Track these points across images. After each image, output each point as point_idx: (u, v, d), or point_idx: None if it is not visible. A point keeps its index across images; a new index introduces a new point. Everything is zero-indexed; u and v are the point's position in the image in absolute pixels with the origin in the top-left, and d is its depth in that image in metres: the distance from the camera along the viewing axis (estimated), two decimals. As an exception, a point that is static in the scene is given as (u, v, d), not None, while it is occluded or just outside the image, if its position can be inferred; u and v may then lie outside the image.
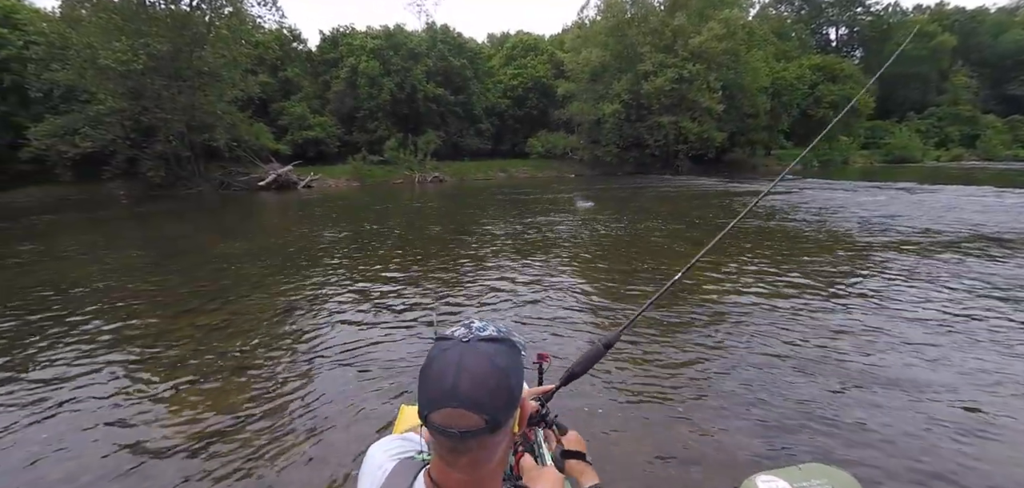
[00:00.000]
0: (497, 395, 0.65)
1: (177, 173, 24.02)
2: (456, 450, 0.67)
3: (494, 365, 0.66)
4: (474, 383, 0.64)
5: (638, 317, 1.42)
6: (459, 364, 0.66)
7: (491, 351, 0.68)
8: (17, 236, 11.07)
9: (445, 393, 0.65)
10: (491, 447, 0.69)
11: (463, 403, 0.63)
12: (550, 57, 37.26)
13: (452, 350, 0.68)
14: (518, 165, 33.36)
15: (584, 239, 8.93)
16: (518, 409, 0.72)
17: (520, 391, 0.71)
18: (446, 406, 0.64)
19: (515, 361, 0.71)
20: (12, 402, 3.26)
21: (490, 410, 0.64)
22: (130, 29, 21.23)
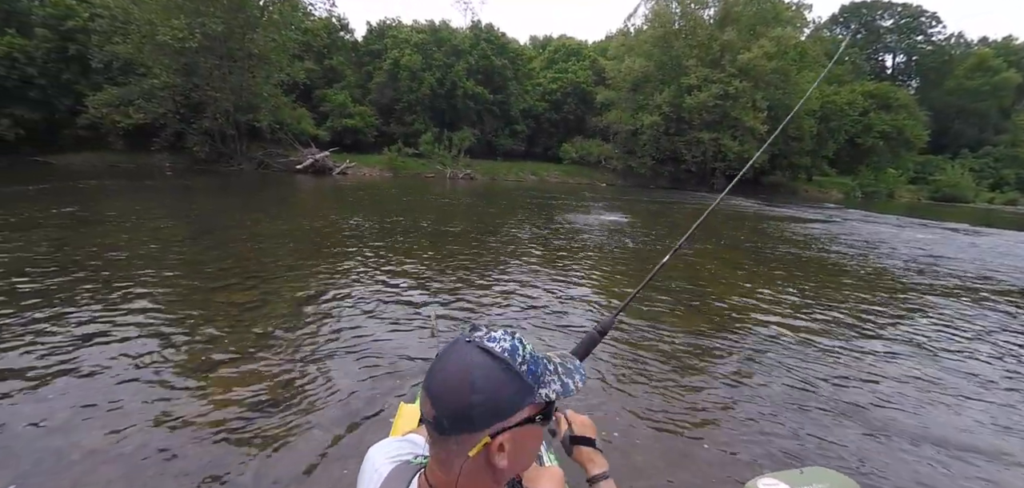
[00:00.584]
0: (447, 401, 0.65)
1: (220, 150, 24.93)
2: (427, 434, 0.71)
3: (468, 375, 0.65)
4: (442, 377, 0.66)
5: (629, 301, 1.51)
6: (446, 356, 0.69)
7: (476, 362, 0.66)
8: (68, 199, 11.61)
9: (427, 375, 0.69)
10: (443, 449, 0.68)
11: (429, 392, 0.67)
12: (592, 63, 36.94)
13: (457, 344, 0.70)
14: (550, 169, 33.19)
15: (610, 250, 8.72)
16: (480, 436, 0.65)
17: (485, 419, 0.65)
18: (422, 388, 0.69)
19: (496, 386, 0.65)
20: (49, 363, 3.34)
21: (440, 409, 0.65)
22: (188, 8, 22.09)
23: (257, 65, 24.98)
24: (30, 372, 3.20)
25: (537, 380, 0.69)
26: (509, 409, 0.67)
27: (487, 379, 0.65)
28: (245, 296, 4.83)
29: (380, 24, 35.57)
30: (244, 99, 24.52)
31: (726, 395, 3.54)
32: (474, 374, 0.65)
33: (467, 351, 0.67)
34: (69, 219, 8.73)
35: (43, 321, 4.02)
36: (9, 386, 3.02)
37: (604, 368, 3.82)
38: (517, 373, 0.67)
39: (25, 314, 4.14)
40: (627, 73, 31.41)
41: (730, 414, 3.29)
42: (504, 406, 0.66)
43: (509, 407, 0.67)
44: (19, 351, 3.48)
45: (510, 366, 0.67)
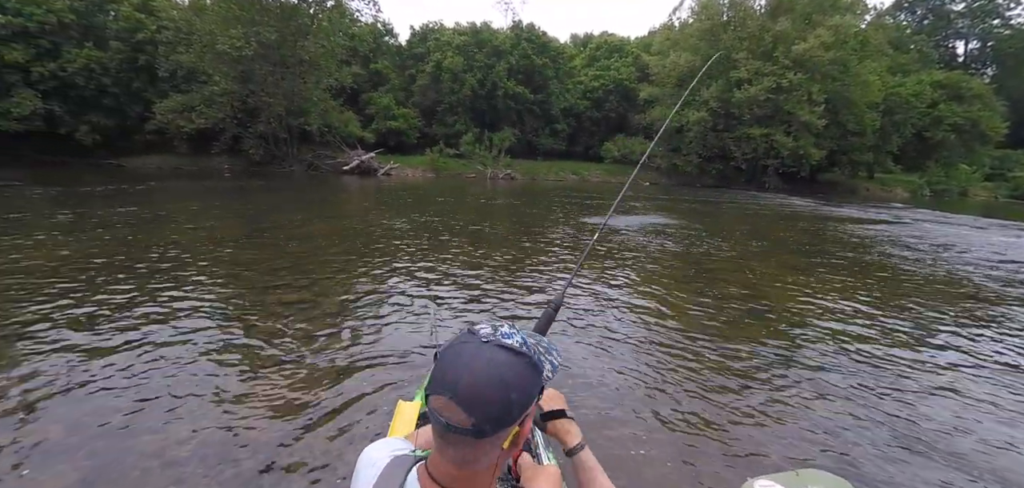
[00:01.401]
0: (491, 406, 0.65)
1: (273, 152, 26.11)
2: (445, 438, 0.69)
3: (499, 376, 0.66)
4: (473, 385, 0.65)
5: (574, 275, 1.65)
6: (468, 361, 0.67)
7: (503, 361, 0.68)
8: (136, 199, 12.42)
9: (446, 383, 0.67)
10: (476, 451, 0.68)
11: (457, 399, 0.65)
12: (635, 60, 36.18)
13: (469, 345, 0.70)
14: (591, 169, 32.74)
15: (649, 252, 8.41)
16: (515, 427, 0.69)
17: (520, 412, 0.69)
18: (443, 394, 0.66)
19: (526, 380, 0.69)
20: (108, 357, 3.52)
21: (479, 416, 0.64)
22: (245, 18, 23.26)
23: (308, 71, 25.98)
24: (90, 367, 3.37)
25: (540, 364, 0.74)
26: (532, 395, 0.71)
27: (517, 375, 0.68)
28: (296, 296, 4.94)
29: (423, 27, 36.23)
30: (295, 104, 25.57)
31: (763, 400, 3.30)
32: (505, 373, 0.67)
33: (489, 352, 0.68)
34: (136, 218, 9.30)
35: (103, 317, 4.25)
36: (70, 379, 3.19)
37: (643, 371, 3.65)
38: (534, 363, 0.72)
39: (88, 308, 4.39)
40: (672, 68, 30.53)
41: (764, 421, 3.07)
42: (530, 395, 0.71)
43: (532, 393, 0.71)
44: (80, 347, 3.68)
45: (528, 358, 0.71)
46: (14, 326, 3.87)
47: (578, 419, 1.08)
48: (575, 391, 3.28)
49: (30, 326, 3.87)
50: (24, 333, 3.74)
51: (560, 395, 1.07)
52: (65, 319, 4.05)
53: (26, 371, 3.17)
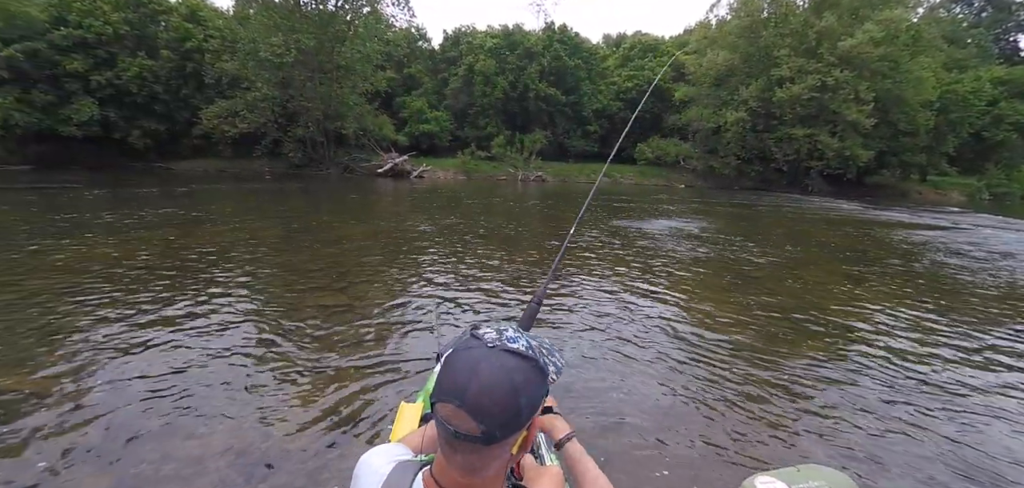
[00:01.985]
0: (500, 412, 0.65)
1: (311, 155, 26.85)
2: (452, 445, 0.68)
3: (508, 380, 0.66)
4: (482, 391, 0.64)
5: (554, 270, 1.80)
6: (475, 367, 0.66)
7: (511, 366, 0.67)
8: (184, 200, 12.95)
9: (454, 390, 0.66)
10: (485, 457, 0.68)
11: (466, 406, 0.64)
12: (670, 59, 35.40)
13: (475, 351, 0.69)
14: (624, 171, 32.19)
15: (681, 257, 8.11)
16: (523, 431, 0.69)
17: (529, 415, 0.69)
18: (451, 402, 0.65)
19: (534, 384, 0.69)
20: (149, 356, 3.60)
21: (489, 422, 0.64)
22: (285, 26, 24.01)
23: (344, 76, 26.59)
24: (131, 365, 3.46)
25: (545, 367, 0.73)
26: (540, 398, 0.71)
27: (525, 379, 0.67)
28: (331, 300, 4.98)
29: (455, 31, 36.51)
30: (332, 108, 26.21)
31: (806, 414, 3.08)
32: (514, 378, 0.66)
33: (496, 357, 0.68)
34: (181, 220, 9.67)
35: (145, 316, 4.38)
36: (111, 375, 3.27)
37: (677, 383, 3.47)
38: (540, 366, 0.71)
39: (131, 308, 4.53)
40: (709, 67, 29.71)
41: (806, 438, 2.83)
42: (538, 398, 0.70)
43: (540, 397, 0.71)
44: (122, 346, 3.78)
45: (535, 361, 0.70)
46: (65, 322, 4.02)
47: (609, 434, 1.01)
48: (606, 406, 3.14)
49: (78, 322, 4.02)
50: (74, 329, 3.89)
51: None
52: (109, 317, 4.19)
53: (68, 369, 3.28)
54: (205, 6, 29.01)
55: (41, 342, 3.68)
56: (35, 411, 2.80)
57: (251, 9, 25.49)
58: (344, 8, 26.76)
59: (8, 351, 3.53)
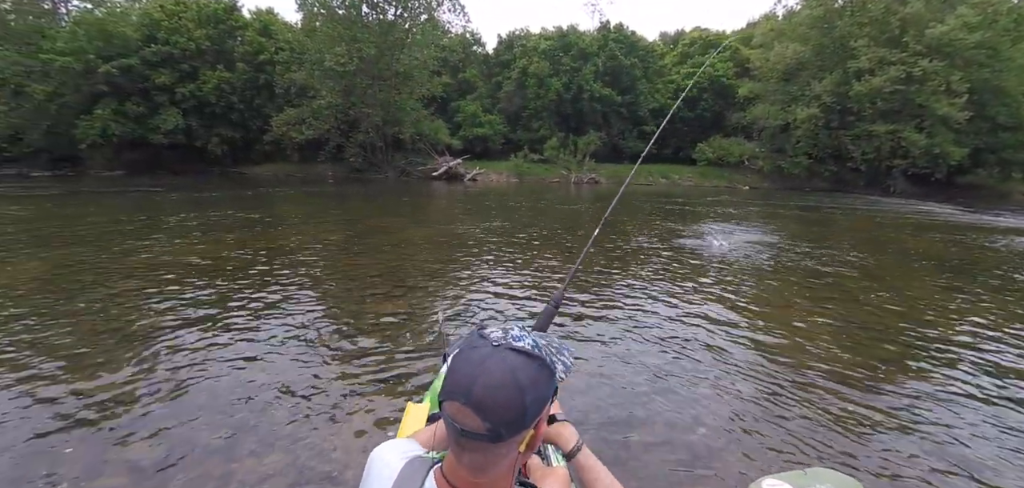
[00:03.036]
0: (506, 409, 0.65)
1: (370, 160, 27.86)
2: (460, 444, 0.68)
3: (513, 379, 0.66)
4: (487, 389, 0.64)
5: (574, 272, 1.77)
6: (480, 365, 0.67)
7: (516, 364, 0.67)
8: (254, 203, 13.71)
9: (460, 389, 0.66)
10: (493, 455, 0.68)
11: (472, 404, 0.64)
12: (733, 54, 33.79)
13: (481, 350, 0.69)
14: (682, 172, 30.99)
15: (743, 267, 7.53)
16: (530, 431, 0.70)
17: (536, 413, 0.69)
18: (457, 401, 0.66)
19: (539, 381, 0.69)
20: (213, 357, 3.71)
21: (494, 421, 0.64)
22: (348, 36, 25.07)
23: (402, 82, 27.40)
24: (200, 368, 3.56)
25: (553, 366, 0.73)
26: (547, 396, 0.71)
27: (531, 378, 0.67)
28: (391, 306, 4.97)
29: (510, 35, 36.68)
30: (391, 114, 27.08)
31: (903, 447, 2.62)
32: (519, 376, 0.66)
33: (502, 355, 0.68)
34: (252, 223, 10.21)
35: (216, 318, 4.55)
36: (173, 385, 3.37)
37: (749, 402, 3.12)
38: (547, 365, 0.71)
39: (201, 311, 4.73)
40: (777, 61, 28.01)
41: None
42: (545, 397, 0.70)
43: (547, 395, 0.71)
44: (192, 348, 3.92)
45: (541, 359, 0.70)
46: (139, 325, 4.25)
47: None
48: (672, 428, 2.87)
49: (151, 324, 4.24)
50: (147, 332, 4.09)
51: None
52: (182, 321, 4.38)
53: (141, 370, 3.42)
54: (276, 20, 30.89)
55: (117, 343, 3.89)
56: (100, 416, 2.93)
57: (317, 22, 26.84)
58: (403, 17, 27.57)
59: (86, 352, 3.75)
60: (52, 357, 3.54)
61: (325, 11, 26.33)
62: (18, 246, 7.23)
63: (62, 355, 3.59)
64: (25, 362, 3.44)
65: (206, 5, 27.91)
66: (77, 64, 24.00)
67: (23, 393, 3.04)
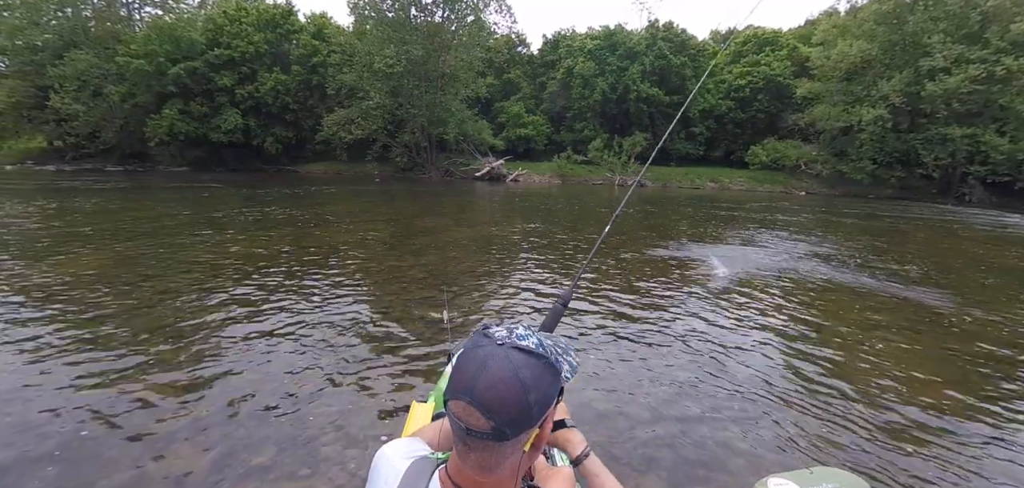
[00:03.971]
0: (509, 407, 0.64)
1: (415, 160, 28.36)
2: (465, 443, 0.68)
3: (517, 377, 0.65)
4: (490, 387, 0.64)
5: (583, 271, 1.82)
6: (483, 364, 0.66)
7: (520, 362, 0.67)
8: (305, 201, 14.16)
9: (464, 387, 0.66)
10: (498, 455, 0.67)
11: (476, 403, 0.64)
12: (790, 53, 32.13)
13: (484, 348, 0.68)
14: (733, 175, 29.75)
15: (802, 277, 6.96)
16: (535, 430, 0.70)
17: (540, 413, 0.68)
18: (462, 399, 0.66)
19: (543, 380, 0.68)
20: (260, 347, 3.73)
21: (498, 419, 0.64)
22: (396, 38, 25.62)
23: (448, 83, 27.72)
24: (246, 355, 3.61)
25: (558, 365, 0.73)
26: (551, 397, 0.70)
27: (535, 377, 0.67)
28: (437, 313, 4.89)
29: (555, 35, 36.42)
30: (436, 114, 27.45)
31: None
32: (523, 375, 0.66)
33: (506, 354, 0.67)
34: (304, 220, 10.52)
35: (265, 310, 4.61)
36: (224, 391, 3.40)
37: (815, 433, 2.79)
38: (551, 364, 0.70)
39: (254, 306, 4.81)
40: (839, 59, 26.37)
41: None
42: (549, 396, 0.70)
43: (551, 395, 0.70)
44: (243, 345, 3.97)
45: (546, 359, 0.70)
46: (193, 320, 4.36)
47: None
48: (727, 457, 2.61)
49: (204, 319, 4.34)
50: (200, 327, 4.19)
51: (562, 405, 1.05)
52: (234, 318, 4.47)
53: (192, 353, 3.49)
54: (329, 24, 31.97)
55: (170, 337, 4.01)
56: (158, 411, 2.98)
57: (368, 24, 27.58)
58: (450, 18, 27.88)
59: (141, 344, 3.87)
60: (109, 349, 3.67)
61: (375, 14, 27.02)
62: (90, 239, 7.71)
63: (118, 346, 3.72)
64: (81, 356, 3.58)
65: (265, 10, 29.23)
66: (149, 66, 25.67)
67: (81, 387, 3.14)
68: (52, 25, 28.01)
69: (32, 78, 27.52)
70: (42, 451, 2.46)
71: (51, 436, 2.59)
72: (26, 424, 2.68)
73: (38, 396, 2.97)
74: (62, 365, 3.38)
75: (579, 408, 3.08)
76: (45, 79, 26.47)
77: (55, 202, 12.10)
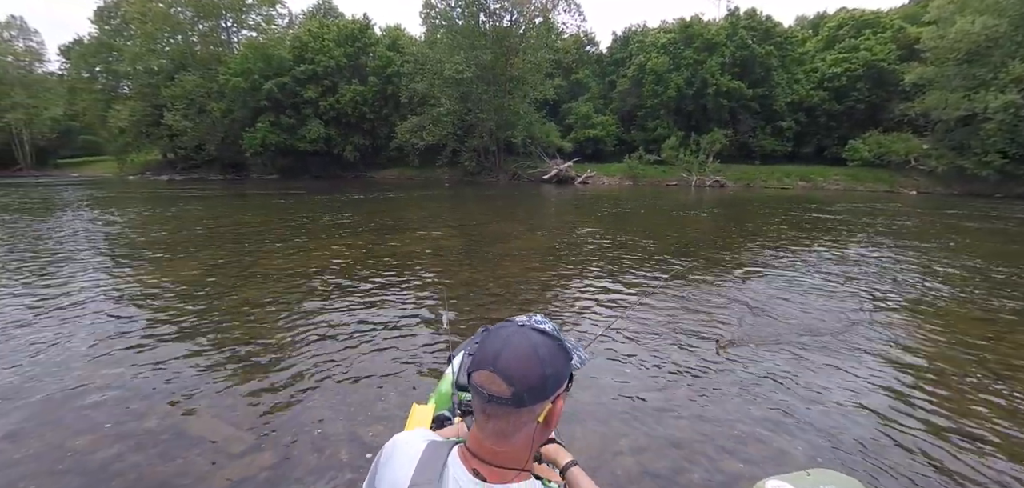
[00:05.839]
0: (528, 376, 0.71)
1: (483, 164, 28.62)
2: (485, 412, 0.74)
3: (536, 352, 0.73)
4: (512, 358, 0.72)
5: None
6: (507, 340, 0.74)
7: (537, 341, 0.74)
8: (380, 206, 14.60)
9: (488, 359, 0.73)
10: (514, 422, 0.73)
11: (498, 370, 0.71)
12: (895, 35, 28.73)
13: (507, 328, 0.77)
14: (828, 173, 27.04)
15: (922, 298, 5.87)
16: (548, 403, 0.76)
17: (553, 386, 0.75)
18: (485, 369, 0.73)
19: (557, 358, 0.76)
20: (340, 384, 3.64)
21: (517, 385, 0.71)
22: (465, 44, 25.99)
23: (516, 86, 27.69)
24: (308, 375, 3.53)
25: (570, 351, 0.80)
26: (563, 376, 0.77)
27: (550, 354, 0.74)
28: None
29: (625, 32, 35.21)
30: (504, 118, 27.52)
31: None
32: (540, 351, 0.73)
33: (526, 333, 0.75)
34: (378, 225, 10.76)
35: (344, 326, 4.56)
36: (293, 391, 3.31)
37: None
38: (564, 346, 0.78)
39: (331, 314, 4.79)
40: (959, 38, 23.08)
41: None
42: (562, 375, 0.76)
43: (563, 375, 0.77)
44: (320, 358, 3.90)
45: (560, 341, 0.78)
46: (270, 327, 4.41)
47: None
48: None
49: (283, 327, 4.37)
50: (277, 334, 4.21)
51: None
52: (308, 334, 4.46)
53: (272, 359, 3.45)
54: (403, 35, 33.19)
55: (249, 342, 4.04)
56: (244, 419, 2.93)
57: (439, 33, 28.25)
58: (518, 21, 27.83)
59: (225, 357, 3.93)
60: (190, 345, 3.76)
61: (445, 22, 27.59)
62: (193, 241, 8.31)
63: (210, 350, 3.80)
64: (174, 360, 3.69)
65: (344, 26, 30.88)
66: (245, 84, 28.04)
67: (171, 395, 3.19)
68: (165, 51, 31.42)
69: (149, 98, 31.10)
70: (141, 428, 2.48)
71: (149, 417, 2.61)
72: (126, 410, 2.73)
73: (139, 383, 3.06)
74: (168, 356, 3.50)
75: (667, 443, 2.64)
76: (159, 99, 29.78)
77: (171, 209, 13.40)
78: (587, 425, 2.98)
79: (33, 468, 2.49)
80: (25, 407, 3.08)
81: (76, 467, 2.51)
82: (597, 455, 2.69)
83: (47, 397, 3.21)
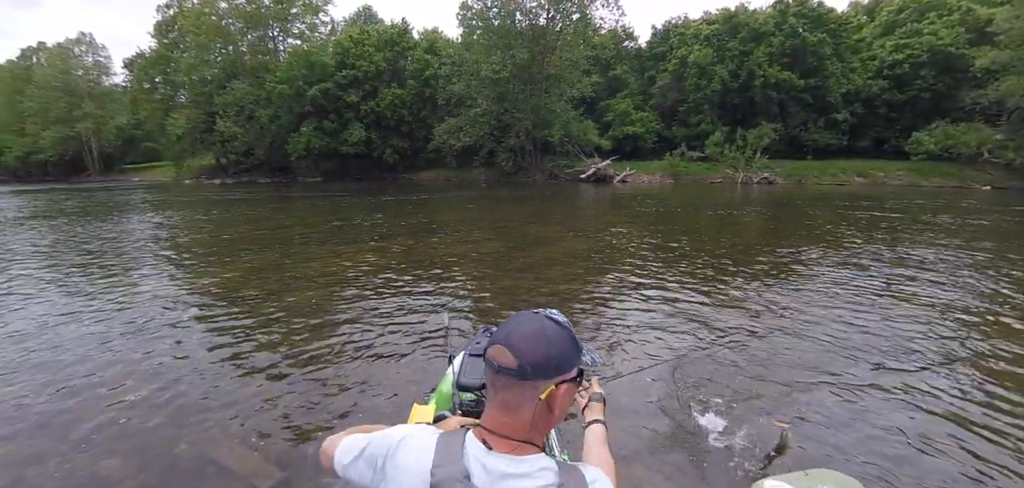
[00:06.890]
0: (534, 351, 0.77)
1: (520, 164, 28.46)
2: (494, 385, 0.80)
3: (544, 333, 0.79)
4: (522, 336, 0.79)
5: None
6: (520, 321, 0.82)
7: (548, 324, 0.81)
8: (419, 208, 14.68)
9: (502, 336, 0.80)
10: (519, 394, 0.78)
11: (508, 345, 0.78)
12: (963, 17, 26.58)
13: (523, 314, 0.84)
14: (889, 168, 25.30)
15: (992, 316, 5.19)
16: (550, 384, 0.79)
17: (557, 369, 0.80)
18: (498, 344, 0.80)
19: (564, 344, 0.81)
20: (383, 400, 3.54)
21: (523, 358, 0.76)
22: (502, 44, 25.91)
23: (552, 85, 27.37)
24: (340, 379, 3.43)
25: (580, 345, 0.85)
26: (569, 365, 0.81)
27: (558, 338, 0.80)
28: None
29: (665, 25, 34.20)
30: (541, 117, 27.26)
31: None
32: (548, 333, 0.79)
33: (538, 319, 0.82)
34: (418, 227, 10.77)
35: (387, 337, 4.47)
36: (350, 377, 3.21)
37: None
38: (573, 338, 0.84)
39: (366, 324, 4.72)
40: (1040, 18, 21.10)
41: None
42: (567, 361, 0.81)
43: (569, 363, 0.81)
44: (355, 365, 3.81)
45: (570, 332, 0.83)
46: (302, 337, 4.37)
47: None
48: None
49: (315, 337, 4.32)
50: (310, 343, 4.16)
51: (597, 385, 1.27)
52: (348, 345, 4.40)
53: (307, 372, 3.38)
54: (440, 38, 33.52)
55: (286, 351, 4.01)
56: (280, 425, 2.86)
57: (475, 34, 28.31)
58: (554, 19, 27.50)
59: (267, 367, 3.90)
60: (235, 343, 3.75)
61: (482, 23, 27.58)
62: (242, 244, 8.53)
63: (245, 347, 3.79)
64: (211, 368, 3.69)
65: (384, 31, 31.45)
66: (290, 90, 29.01)
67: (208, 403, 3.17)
68: (217, 61, 32.94)
69: (203, 107, 32.71)
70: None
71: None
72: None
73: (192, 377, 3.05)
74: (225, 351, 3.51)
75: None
76: (212, 107, 31.24)
77: (227, 211, 13.93)
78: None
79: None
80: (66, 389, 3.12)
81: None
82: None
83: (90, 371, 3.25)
